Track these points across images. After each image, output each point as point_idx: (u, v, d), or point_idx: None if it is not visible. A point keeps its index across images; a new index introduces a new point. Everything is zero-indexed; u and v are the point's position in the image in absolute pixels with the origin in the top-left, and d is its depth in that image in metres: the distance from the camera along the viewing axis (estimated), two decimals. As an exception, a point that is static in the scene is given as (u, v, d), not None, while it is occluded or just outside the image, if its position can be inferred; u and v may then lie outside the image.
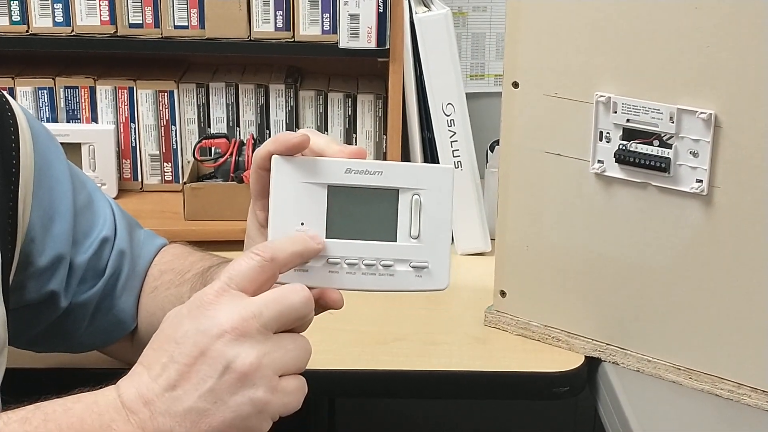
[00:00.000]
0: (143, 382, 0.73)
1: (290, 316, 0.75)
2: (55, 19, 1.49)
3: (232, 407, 0.72)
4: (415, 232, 0.82)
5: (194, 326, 0.73)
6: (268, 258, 0.76)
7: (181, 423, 0.72)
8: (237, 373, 0.72)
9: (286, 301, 0.75)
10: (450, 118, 1.42)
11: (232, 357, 0.72)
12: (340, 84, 1.60)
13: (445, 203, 0.82)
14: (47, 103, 1.56)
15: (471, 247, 1.45)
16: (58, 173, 0.98)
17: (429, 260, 0.82)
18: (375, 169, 0.82)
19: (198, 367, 0.72)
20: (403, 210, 0.82)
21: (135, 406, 0.72)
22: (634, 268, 1.11)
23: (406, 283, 0.82)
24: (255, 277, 0.75)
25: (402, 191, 0.82)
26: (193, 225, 1.47)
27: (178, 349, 0.73)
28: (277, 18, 1.48)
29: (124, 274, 1.03)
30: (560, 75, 1.10)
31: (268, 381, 0.73)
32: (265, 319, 0.73)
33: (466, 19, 1.63)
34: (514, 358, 1.18)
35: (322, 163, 0.81)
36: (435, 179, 0.82)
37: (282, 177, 0.81)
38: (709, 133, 1.02)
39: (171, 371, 0.73)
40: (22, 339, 0.99)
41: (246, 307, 0.73)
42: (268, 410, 0.73)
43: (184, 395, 0.72)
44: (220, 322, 0.73)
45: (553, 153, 1.13)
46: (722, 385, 1.08)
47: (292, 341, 0.75)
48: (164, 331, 0.75)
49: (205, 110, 1.58)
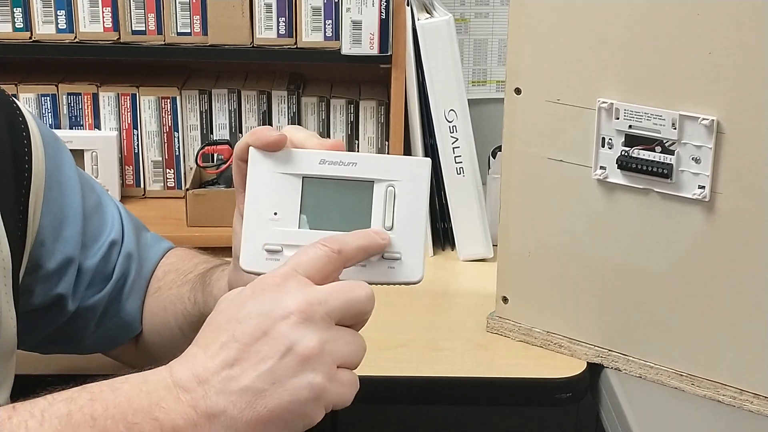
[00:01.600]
0: (199, 362, 0.72)
1: (353, 309, 0.74)
2: (58, 25, 1.49)
3: (290, 390, 0.71)
4: (388, 223, 0.81)
5: (258, 307, 0.72)
6: (335, 250, 0.76)
7: (236, 403, 0.70)
8: (298, 356, 0.71)
9: (352, 294, 0.74)
10: (452, 125, 1.42)
11: (295, 339, 0.71)
12: (342, 90, 1.60)
13: (421, 195, 0.81)
14: (50, 110, 1.56)
15: (473, 253, 1.45)
16: (68, 178, 0.98)
17: (402, 252, 0.81)
18: (349, 160, 0.81)
19: (259, 347, 0.71)
20: (378, 201, 0.81)
21: (189, 384, 0.71)
22: (637, 274, 1.11)
23: (379, 274, 0.81)
24: (321, 267, 0.75)
25: (377, 183, 0.81)
26: (196, 231, 1.48)
27: (240, 328, 0.72)
28: (279, 24, 1.48)
29: (131, 278, 1.03)
30: (562, 81, 1.10)
31: (328, 368, 0.72)
32: (330, 308, 0.73)
33: (468, 26, 1.63)
34: (516, 364, 1.18)
35: (298, 155, 0.82)
36: (410, 171, 0.81)
37: (258, 168, 0.82)
38: (711, 140, 1.02)
39: (230, 350, 0.71)
40: (29, 342, 0.99)
41: (312, 293, 0.73)
42: (325, 398, 0.72)
43: (241, 374, 0.71)
44: (285, 304, 0.72)
45: (555, 159, 1.13)
46: (724, 391, 1.08)
47: (351, 335, 0.75)
48: (224, 312, 0.74)
49: (208, 117, 1.58)
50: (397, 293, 1.33)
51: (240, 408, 0.70)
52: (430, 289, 1.37)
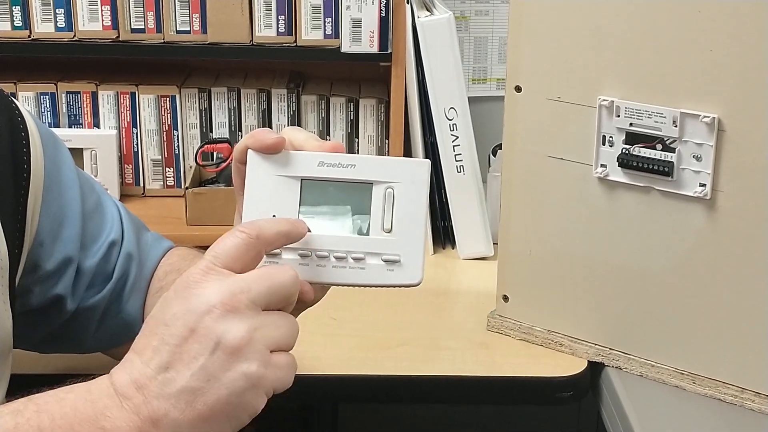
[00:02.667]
0: (135, 368, 0.72)
1: (278, 294, 0.74)
2: (57, 24, 1.49)
3: (226, 383, 0.71)
4: (387, 225, 0.81)
5: (182, 306, 0.72)
6: (253, 235, 0.75)
7: (176, 404, 0.71)
8: (228, 348, 0.71)
9: (275, 278, 0.74)
10: (452, 123, 1.42)
11: (221, 332, 0.71)
12: (342, 88, 1.60)
13: (420, 197, 0.81)
14: (49, 109, 1.56)
15: (474, 252, 1.45)
16: (67, 178, 0.98)
17: (401, 254, 0.81)
18: (348, 162, 0.81)
19: (188, 346, 0.71)
20: (376, 203, 0.81)
21: (128, 391, 0.72)
22: (637, 272, 1.11)
23: (378, 277, 0.81)
24: (240, 255, 0.75)
25: (376, 184, 0.81)
26: (196, 230, 1.47)
27: (168, 330, 0.72)
28: (279, 22, 1.48)
29: (131, 278, 1.03)
30: (563, 79, 1.10)
31: (261, 355, 0.72)
32: (253, 295, 0.73)
33: (468, 23, 1.63)
34: (517, 363, 1.18)
35: (296, 157, 0.82)
36: (409, 173, 0.81)
37: (257, 170, 0.82)
38: (712, 137, 1.02)
39: (162, 353, 0.72)
40: (29, 341, 0.99)
41: (234, 283, 0.73)
42: (263, 385, 0.72)
43: (176, 376, 0.71)
44: (207, 298, 0.72)
45: (555, 157, 1.13)
46: (725, 389, 1.08)
47: (281, 317, 0.74)
48: (153, 317, 0.74)
49: (207, 115, 1.58)
50: (397, 293, 1.33)
51: (181, 409, 0.71)
52: (430, 288, 1.37)
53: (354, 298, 1.29)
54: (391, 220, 0.81)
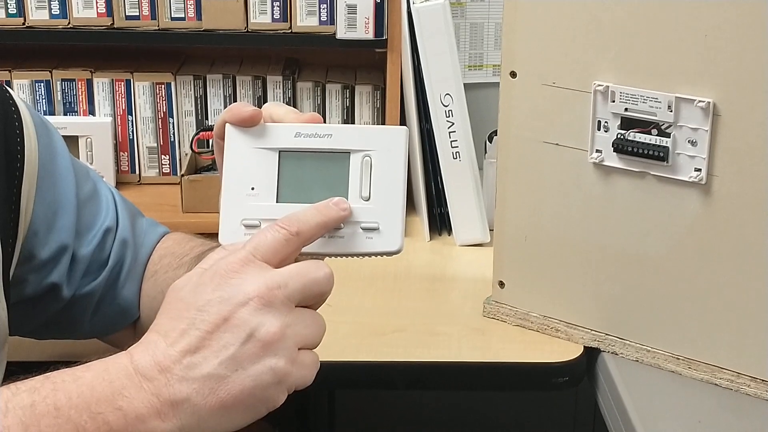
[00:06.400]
0: (159, 349, 0.72)
1: (313, 291, 0.75)
2: (51, 11, 1.49)
3: (253, 375, 0.71)
4: (365, 193, 0.80)
5: (218, 293, 0.73)
6: (294, 232, 0.76)
7: (199, 390, 0.71)
8: (260, 342, 0.72)
9: (311, 275, 0.74)
10: (448, 109, 1.42)
11: (256, 325, 0.72)
12: (337, 75, 1.60)
13: (398, 164, 0.80)
14: (44, 96, 1.55)
15: (470, 238, 1.45)
16: (61, 167, 0.98)
17: (380, 222, 0.80)
18: (325, 132, 0.81)
19: (220, 334, 0.72)
20: (354, 172, 0.80)
21: (150, 372, 0.71)
22: (633, 257, 1.11)
23: (357, 245, 0.80)
24: (279, 250, 0.75)
25: (353, 153, 0.80)
26: (191, 217, 1.47)
27: (200, 316, 0.72)
28: (274, 9, 1.47)
29: (127, 264, 1.03)
30: (558, 64, 1.10)
31: (290, 352, 0.72)
32: (290, 291, 0.73)
33: (464, 9, 1.63)
34: (513, 348, 1.18)
35: (273, 129, 0.82)
36: (387, 140, 0.81)
37: (235, 143, 0.82)
38: (707, 122, 1.01)
39: (191, 338, 0.72)
40: (24, 329, 0.99)
41: (272, 278, 0.73)
42: (287, 381, 0.73)
43: (203, 361, 0.71)
44: (245, 290, 0.72)
45: (551, 143, 1.13)
46: (721, 374, 1.08)
47: (311, 316, 0.75)
48: (183, 300, 0.74)
49: (203, 102, 1.58)
50: (393, 278, 1.34)
51: (203, 395, 0.71)
52: (426, 274, 1.37)
53: (350, 285, 1.30)
54: (369, 188, 0.80)
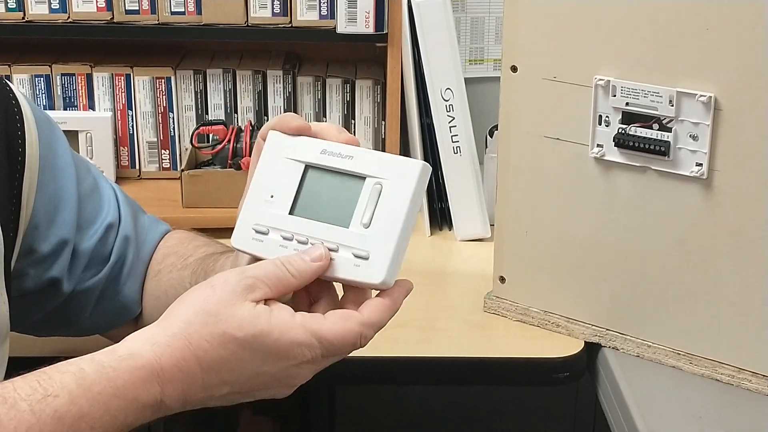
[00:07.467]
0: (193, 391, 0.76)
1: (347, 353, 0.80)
2: (51, 5, 1.48)
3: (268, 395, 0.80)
4: (366, 220, 0.79)
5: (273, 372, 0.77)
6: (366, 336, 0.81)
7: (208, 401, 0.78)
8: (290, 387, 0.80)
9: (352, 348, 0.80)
10: (449, 104, 1.41)
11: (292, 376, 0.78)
12: (338, 70, 1.59)
13: (405, 197, 0.79)
14: (44, 91, 1.55)
15: (470, 233, 1.45)
16: (62, 161, 0.98)
17: (371, 251, 0.78)
18: (347, 153, 0.81)
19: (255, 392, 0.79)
20: (364, 197, 0.80)
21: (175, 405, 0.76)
22: (634, 252, 1.10)
23: (342, 270, 0.79)
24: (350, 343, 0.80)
25: (368, 179, 0.80)
26: (192, 212, 1.47)
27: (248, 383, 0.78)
28: (274, 3, 1.47)
29: (129, 260, 1.03)
30: (559, 59, 1.09)
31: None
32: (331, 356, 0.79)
33: (464, 4, 1.62)
34: (513, 344, 1.18)
35: (305, 142, 0.82)
36: (400, 171, 0.79)
37: (271, 150, 0.83)
38: (708, 116, 1.01)
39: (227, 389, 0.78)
40: (24, 324, 0.99)
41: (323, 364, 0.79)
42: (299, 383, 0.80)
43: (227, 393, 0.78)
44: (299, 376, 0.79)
45: (552, 137, 1.12)
46: (722, 370, 1.08)
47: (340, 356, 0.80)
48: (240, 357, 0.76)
49: (203, 97, 1.57)
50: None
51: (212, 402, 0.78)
52: (427, 269, 1.36)
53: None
54: (371, 215, 0.79)
